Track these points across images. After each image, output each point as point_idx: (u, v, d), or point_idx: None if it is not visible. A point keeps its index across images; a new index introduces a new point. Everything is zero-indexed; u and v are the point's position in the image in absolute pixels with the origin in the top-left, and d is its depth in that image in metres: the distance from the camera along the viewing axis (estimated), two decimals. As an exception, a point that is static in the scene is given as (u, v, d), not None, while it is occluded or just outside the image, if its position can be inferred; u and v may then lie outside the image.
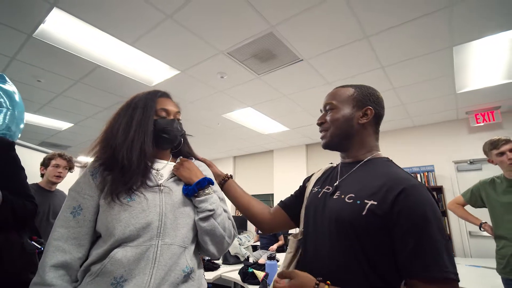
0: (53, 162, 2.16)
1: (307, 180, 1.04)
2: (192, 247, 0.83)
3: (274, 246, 3.73)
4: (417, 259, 0.62)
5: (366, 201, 0.71)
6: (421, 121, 4.28)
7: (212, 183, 0.87)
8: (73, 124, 4.56)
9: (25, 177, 1.01)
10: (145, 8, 1.99)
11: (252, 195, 1.12)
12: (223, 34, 2.28)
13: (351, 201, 0.74)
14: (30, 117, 4.27)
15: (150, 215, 0.76)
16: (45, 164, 2.16)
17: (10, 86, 1.47)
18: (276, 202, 5.80)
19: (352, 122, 0.85)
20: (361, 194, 0.73)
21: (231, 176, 1.12)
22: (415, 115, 4.01)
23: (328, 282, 0.66)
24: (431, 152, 4.24)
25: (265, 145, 5.87)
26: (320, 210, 0.81)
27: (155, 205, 0.78)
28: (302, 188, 1.02)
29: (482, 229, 2.01)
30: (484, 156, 2.00)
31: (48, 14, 2.07)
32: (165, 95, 0.99)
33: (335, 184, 0.83)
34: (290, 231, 4.21)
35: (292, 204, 1.02)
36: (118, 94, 3.40)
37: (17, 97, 1.52)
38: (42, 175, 2.18)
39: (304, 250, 0.84)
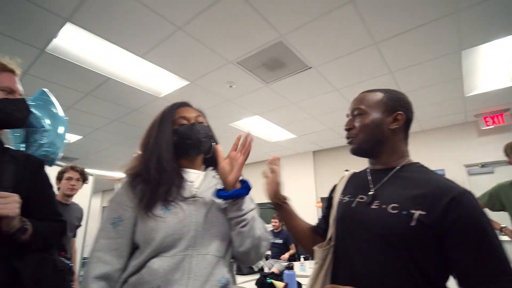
0: (66, 175, 2.16)
1: (332, 191, 1.02)
2: (227, 258, 0.82)
3: (286, 255, 3.68)
4: (482, 268, 0.61)
5: (412, 211, 0.68)
6: (429, 125, 4.26)
7: (250, 189, 0.84)
8: (82, 137, 4.59)
9: (54, 195, 1.02)
10: (156, 20, 2.02)
11: (259, 203, 1.07)
12: (233, 44, 2.31)
13: (396, 211, 0.71)
14: (39, 131, 4.30)
15: (186, 225, 0.77)
16: (59, 177, 2.17)
17: (49, 105, 1.51)
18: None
19: (382, 127, 0.83)
20: (406, 203, 0.71)
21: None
22: (423, 119, 3.99)
23: None
24: (441, 157, 4.20)
25: (271, 152, 5.85)
26: (357, 221, 0.79)
27: (190, 215, 0.79)
28: (329, 200, 1.00)
29: (502, 233, 1.97)
30: (496, 159, 1.98)
31: (61, 29, 2.11)
32: (184, 104, 0.99)
33: (370, 193, 0.81)
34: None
35: (325, 227, 0.97)
36: (127, 105, 3.43)
37: (59, 113, 1.55)
38: (58, 189, 2.18)
39: (339, 263, 0.82)
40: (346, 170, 1.08)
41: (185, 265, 0.73)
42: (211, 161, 1.00)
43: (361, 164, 0.99)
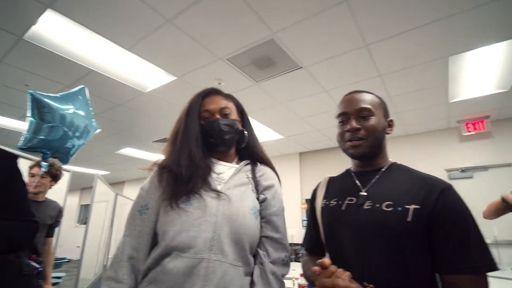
0: (31, 171, 2.03)
1: (313, 198, 0.99)
2: (250, 268, 0.75)
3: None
4: (460, 255, 0.64)
5: (407, 206, 0.70)
6: (414, 130, 4.34)
7: None
8: (60, 131, 4.39)
9: (26, 192, 0.93)
10: (144, 12, 1.94)
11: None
12: (223, 40, 2.25)
13: (391, 209, 0.71)
14: (13, 123, 4.08)
15: (204, 224, 0.72)
16: (28, 174, 2.04)
17: (72, 103, 1.48)
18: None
19: (384, 132, 0.85)
20: (399, 200, 0.72)
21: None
22: (408, 123, 4.07)
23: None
24: (424, 161, 4.29)
25: (258, 153, 5.82)
26: (351, 224, 0.77)
27: (210, 214, 0.73)
28: (313, 210, 0.96)
29: (504, 200, 1.89)
30: (475, 164, 1.98)
31: (41, 15, 1.98)
32: (211, 92, 0.94)
33: (362, 193, 0.80)
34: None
35: (320, 242, 0.91)
36: (110, 100, 3.29)
37: (81, 115, 1.51)
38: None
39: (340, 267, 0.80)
40: (330, 176, 1.07)
41: (200, 270, 0.67)
42: (247, 153, 0.96)
43: (347, 166, 0.97)
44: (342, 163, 0.96)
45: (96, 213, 4.01)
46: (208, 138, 0.87)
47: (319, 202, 0.92)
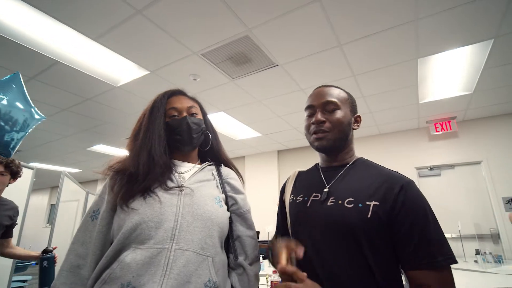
0: None
1: (282, 193, 0.99)
2: (219, 259, 0.74)
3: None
4: (422, 249, 0.65)
5: (367, 203, 0.70)
6: (386, 129, 4.49)
7: None
8: (25, 126, 4.13)
9: None
10: (112, 1, 1.85)
11: None
12: (197, 34, 2.20)
13: (352, 205, 0.71)
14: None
15: (164, 214, 0.69)
16: None
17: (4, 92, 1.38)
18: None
19: (350, 126, 0.85)
20: (360, 196, 0.72)
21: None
22: (381, 123, 4.19)
23: None
24: (395, 159, 4.45)
25: (236, 151, 5.80)
26: (314, 220, 0.77)
27: (171, 204, 0.72)
28: (283, 205, 0.96)
29: None
30: (442, 163, 2.06)
31: (-2, 0, 1.84)
32: (177, 93, 0.93)
33: (325, 190, 0.79)
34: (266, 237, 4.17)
35: (289, 235, 0.92)
36: (79, 93, 3.13)
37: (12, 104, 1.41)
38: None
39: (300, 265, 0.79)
40: (300, 170, 1.07)
41: (161, 260, 0.64)
42: (210, 156, 0.96)
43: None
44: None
45: (66, 212, 3.83)
46: (173, 136, 0.85)
47: (288, 197, 0.92)
